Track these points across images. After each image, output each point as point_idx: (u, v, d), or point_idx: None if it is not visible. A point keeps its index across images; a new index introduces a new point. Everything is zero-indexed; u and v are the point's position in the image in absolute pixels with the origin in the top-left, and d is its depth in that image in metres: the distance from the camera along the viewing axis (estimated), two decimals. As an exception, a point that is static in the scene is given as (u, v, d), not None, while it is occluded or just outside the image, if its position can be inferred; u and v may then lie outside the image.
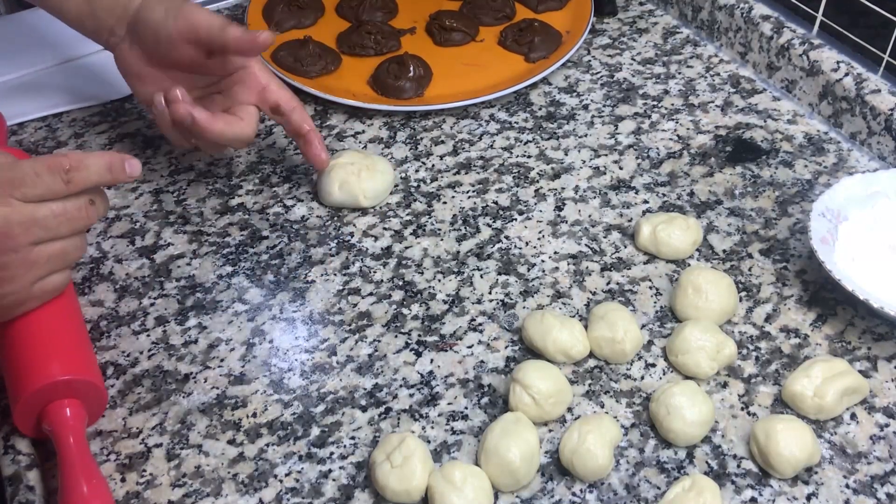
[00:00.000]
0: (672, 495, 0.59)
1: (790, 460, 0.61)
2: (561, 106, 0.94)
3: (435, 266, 0.77)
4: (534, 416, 0.64)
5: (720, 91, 0.95)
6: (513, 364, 0.69)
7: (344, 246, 0.79)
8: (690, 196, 0.83)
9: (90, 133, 0.91)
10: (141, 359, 0.70)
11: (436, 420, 0.66)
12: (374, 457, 0.62)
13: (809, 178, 0.84)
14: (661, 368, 0.69)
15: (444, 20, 1.00)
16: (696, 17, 1.02)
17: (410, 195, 0.84)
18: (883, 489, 0.62)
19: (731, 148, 0.88)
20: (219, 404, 0.67)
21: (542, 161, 0.87)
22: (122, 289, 0.76)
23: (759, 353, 0.70)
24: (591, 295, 0.75)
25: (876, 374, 0.69)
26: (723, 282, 0.71)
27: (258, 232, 0.81)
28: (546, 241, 0.79)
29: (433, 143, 0.90)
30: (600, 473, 0.61)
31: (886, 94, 0.84)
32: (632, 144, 0.89)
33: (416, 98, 0.92)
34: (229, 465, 0.64)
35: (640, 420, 0.66)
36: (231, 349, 0.71)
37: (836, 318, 0.72)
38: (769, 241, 0.79)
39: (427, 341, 0.71)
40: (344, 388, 0.68)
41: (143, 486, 0.62)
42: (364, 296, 0.75)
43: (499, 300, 0.74)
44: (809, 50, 0.90)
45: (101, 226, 0.81)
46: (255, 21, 1.01)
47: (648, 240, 0.77)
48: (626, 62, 0.99)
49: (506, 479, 0.61)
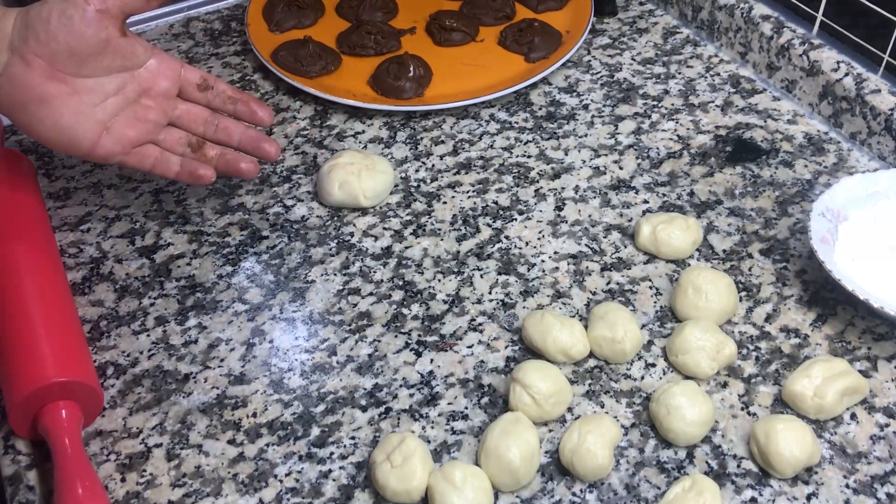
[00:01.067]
0: (672, 495, 0.59)
1: (790, 460, 0.61)
2: (561, 106, 0.94)
3: (435, 266, 0.77)
4: (534, 416, 0.64)
5: (720, 91, 0.95)
6: (513, 364, 0.69)
7: (344, 246, 0.79)
8: (690, 196, 0.83)
9: (90, 133, 0.91)
10: (141, 359, 0.70)
11: (436, 420, 0.66)
12: (374, 457, 0.62)
13: (809, 178, 0.84)
14: (661, 368, 0.69)
15: (444, 20, 1.00)
16: (696, 17, 1.02)
17: (410, 195, 0.84)
18: (883, 489, 0.62)
19: (731, 148, 0.88)
20: (219, 404, 0.67)
21: (542, 161, 0.87)
22: (122, 289, 0.76)
23: (759, 353, 0.70)
24: (591, 295, 0.75)
25: (876, 374, 0.69)
26: (723, 282, 0.71)
27: (258, 232, 0.81)
28: (546, 241, 0.79)
29: (433, 143, 0.90)
30: (600, 473, 0.61)
31: (886, 94, 0.84)
32: (632, 144, 0.89)
33: (416, 98, 0.92)
34: (229, 465, 0.64)
35: (640, 420, 0.66)
36: (231, 349, 0.71)
37: (836, 318, 0.72)
38: (769, 241, 0.79)
39: (427, 341, 0.71)
40: (344, 388, 0.68)
41: (143, 486, 0.62)
42: (364, 296, 0.75)
43: (499, 300, 0.74)
44: (809, 50, 0.90)
45: (101, 226, 0.81)
46: (255, 21, 1.01)
47: (648, 240, 0.77)
48: (626, 62, 0.99)
49: (506, 479, 0.61)
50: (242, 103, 0.76)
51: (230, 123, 0.77)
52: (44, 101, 0.67)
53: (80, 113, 0.68)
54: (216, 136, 0.76)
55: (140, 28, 1.05)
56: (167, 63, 0.73)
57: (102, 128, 0.70)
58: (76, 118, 0.68)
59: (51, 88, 0.67)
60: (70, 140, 0.69)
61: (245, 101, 0.76)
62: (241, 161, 0.76)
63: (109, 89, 0.70)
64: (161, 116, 0.74)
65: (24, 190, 0.77)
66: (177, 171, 0.75)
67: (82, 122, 0.69)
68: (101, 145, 0.71)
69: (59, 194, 0.84)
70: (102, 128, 0.70)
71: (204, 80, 0.75)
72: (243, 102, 0.76)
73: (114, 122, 0.71)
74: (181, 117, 0.75)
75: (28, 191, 0.77)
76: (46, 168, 0.87)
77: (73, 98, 0.68)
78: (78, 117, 0.69)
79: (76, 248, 0.79)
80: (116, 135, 0.71)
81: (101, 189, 0.85)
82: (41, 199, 0.79)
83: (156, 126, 0.74)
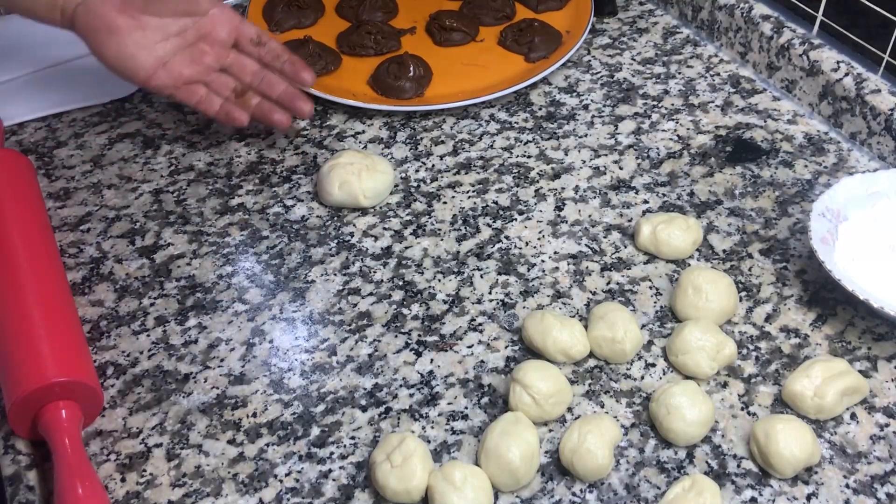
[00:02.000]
0: (672, 495, 0.59)
1: (790, 460, 0.61)
2: (561, 106, 0.94)
3: (435, 266, 0.77)
4: (534, 416, 0.64)
5: (720, 91, 0.95)
6: (513, 364, 0.69)
7: (344, 246, 0.79)
8: (690, 196, 0.83)
9: (90, 133, 0.91)
10: (141, 359, 0.70)
11: (436, 420, 0.66)
12: (374, 457, 0.62)
13: (809, 178, 0.84)
14: (661, 368, 0.69)
15: (444, 20, 1.00)
16: (696, 17, 1.02)
17: (410, 195, 0.84)
18: (883, 489, 0.62)
19: (731, 148, 0.88)
20: (219, 404, 0.67)
21: (542, 161, 0.87)
22: (122, 289, 0.76)
23: (759, 353, 0.70)
24: (591, 295, 0.75)
25: (876, 374, 0.69)
26: (723, 282, 0.71)
27: (258, 232, 0.81)
28: (546, 241, 0.79)
29: (433, 143, 0.90)
30: (600, 473, 0.61)
31: (886, 94, 0.84)
32: (632, 144, 0.89)
33: (416, 98, 0.92)
34: (229, 465, 0.64)
35: (640, 420, 0.66)
36: (231, 349, 0.71)
37: (836, 318, 0.72)
38: (769, 241, 0.79)
39: (427, 341, 0.71)
40: (344, 387, 0.68)
41: (143, 486, 0.62)
42: (364, 296, 0.75)
43: (499, 300, 0.74)
44: (809, 50, 0.90)
45: (101, 226, 0.81)
46: (255, 21, 1.01)
47: (648, 240, 0.77)
48: (626, 62, 0.99)
49: (506, 478, 0.61)
50: (290, 62, 0.84)
51: (274, 79, 0.84)
52: (112, 31, 0.77)
53: (142, 46, 0.79)
54: (259, 87, 0.84)
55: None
56: (228, 15, 0.83)
57: (160, 63, 0.80)
58: (137, 50, 0.78)
59: (119, 21, 0.77)
60: (129, 68, 0.79)
61: (292, 61, 0.84)
62: (276, 112, 0.84)
63: (172, 30, 0.80)
64: (214, 61, 0.83)
65: (24, 190, 0.77)
66: (216, 111, 0.83)
67: (143, 55, 0.79)
68: (156, 77, 0.80)
69: (59, 194, 0.84)
70: (160, 63, 0.80)
71: (259, 36, 0.84)
72: (290, 62, 0.84)
73: (172, 60, 0.80)
74: (232, 65, 0.84)
75: (28, 191, 0.77)
76: (46, 168, 0.87)
77: (137, 32, 0.78)
78: (139, 50, 0.79)
79: (76, 248, 0.79)
80: (172, 71, 0.81)
81: (101, 189, 0.85)
82: (41, 199, 0.79)
83: (208, 69, 0.83)
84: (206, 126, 0.92)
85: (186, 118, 0.93)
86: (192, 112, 0.93)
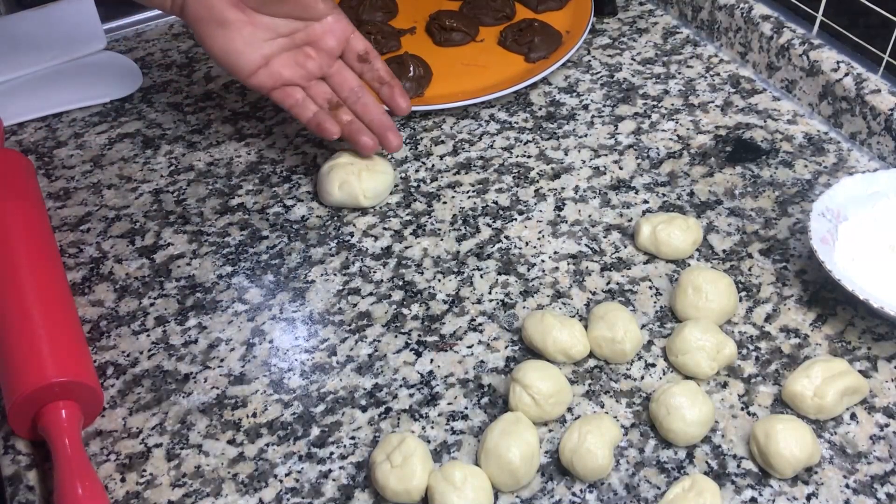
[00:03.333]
0: (672, 495, 0.59)
1: (790, 460, 0.61)
2: (561, 106, 0.94)
3: (435, 266, 0.77)
4: (534, 416, 0.64)
5: (720, 91, 0.95)
6: (513, 364, 0.69)
7: (344, 246, 0.79)
8: (690, 196, 0.83)
9: (90, 133, 0.91)
10: (141, 359, 0.71)
11: (436, 420, 0.66)
12: (374, 457, 0.62)
13: (809, 178, 0.84)
14: (661, 368, 0.69)
15: (444, 20, 1.00)
16: (696, 17, 1.02)
17: (410, 195, 0.84)
18: (883, 489, 0.62)
19: (731, 148, 0.88)
20: (219, 404, 0.67)
21: (542, 161, 0.87)
22: (122, 289, 0.76)
23: (759, 353, 0.70)
24: (591, 295, 0.75)
25: (876, 374, 0.69)
26: (723, 282, 0.71)
27: (258, 232, 0.81)
28: (546, 241, 0.79)
29: (433, 143, 0.90)
30: (600, 473, 0.61)
31: (886, 94, 0.84)
32: (632, 144, 0.89)
33: (416, 98, 0.92)
34: (229, 465, 0.64)
35: (640, 420, 0.66)
36: (231, 349, 0.71)
37: (836, 318, 0.72)
38: (769, 241, 0.79)
39: (427, 341, 0.71)
40: (344, 388, 0.68)
41: (143, 486, 0.62)
42: (364, 296, 0.75)
43: (499, 300, 0.74)
44: (809, 50, 0.90)
45: (101, 226, 0.81)
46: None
47: (648, 240, 0.77)
48: (626, 62, 0.99)
49: (506, 479, 0.61)
50: (389, 87, 0.82)
51: (371, 102, 0.82)
52: (222, 24, 0.76)
53: (249, 43, 0.77)
54: (354, 107, 0.82)
55: (141, 27, 1.06)
56: (341, 25, 0.80)
57: (264, 61, 0.78)
58: (244, 46, 0.77)
59: (231, 15, 0.75)
60: (233, 63, 0.77)
61: (391, 87, 0.82)
62: (365, 134, 0.81)
63: (282, 30, 0.78)
64: (317, 69, 0.81)
65: (24, 190, 0.77)
66: (308, 118, 0.81)
67: (248, 52, 0.77)
68: (257, 76, 0.78)
69: (59, 194, 0.84)
70: (264, 61, 0.78)
71: (367, 52, 0.82)
72: (390, 87, 0.82)
73: (275, 60, 0.78)
74: (333, 77, 0.82)
75: (28, 191, 0.77)
76: (46, 168, 0.87)
77: (247, 28, 0.76)
78: (246, 46, 0.77)
79: (76, 248, 0.79)
80: (273, 71, 0.79)
81: (101, 189, 0.85)
82: (41, 199, 0.79)
83: (309, 75, 0.81)
84: (206, 126, 0.92)
85: (186, 118, 0.93)
86: (192, 112, 0.94)
